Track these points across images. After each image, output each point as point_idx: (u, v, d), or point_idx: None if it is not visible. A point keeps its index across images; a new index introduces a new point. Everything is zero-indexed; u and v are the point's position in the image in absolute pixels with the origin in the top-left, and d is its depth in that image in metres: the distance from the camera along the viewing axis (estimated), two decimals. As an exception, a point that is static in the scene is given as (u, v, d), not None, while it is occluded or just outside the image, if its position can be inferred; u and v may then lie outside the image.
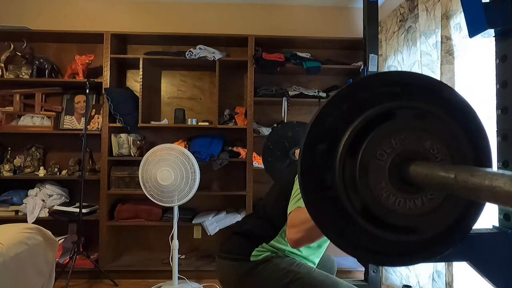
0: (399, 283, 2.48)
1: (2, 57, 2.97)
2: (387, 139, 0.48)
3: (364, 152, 0.47)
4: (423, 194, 0.48)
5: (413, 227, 0.49)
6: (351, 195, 0.48)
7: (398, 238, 0.50)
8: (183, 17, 3.27)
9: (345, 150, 0.49)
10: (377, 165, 0.47)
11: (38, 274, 1.72)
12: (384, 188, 0.47)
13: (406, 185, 0.48)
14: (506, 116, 0.77)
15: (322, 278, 1.20)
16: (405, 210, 0.48)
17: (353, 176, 0.48)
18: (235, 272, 1.29)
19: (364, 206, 0.48)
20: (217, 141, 3.06)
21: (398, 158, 0.48)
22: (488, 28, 0.75)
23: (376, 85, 0.51)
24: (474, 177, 0.37)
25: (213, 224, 2.89)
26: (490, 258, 0.71)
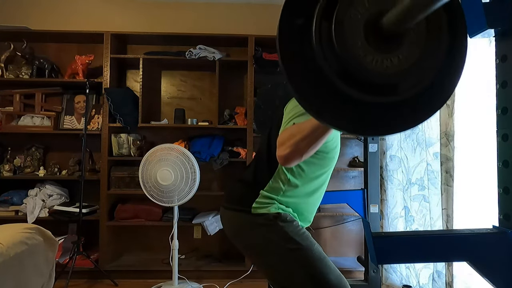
0: (399, 283, 2.48)
1: (2, 57, 2.97)
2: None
3: (338, 12, 0.48)
4: (399, 52, 0.49)
5: (392, 85, 0.50)
6: (329, 58, 0.48)
7: (378, 100, 0.50)
8: (183, 17, 3.27)
9: (320, 15, 0.49)
10: (351, 24, 0.48)
11: (38, 274, 1.72)
12: (360, 47, 0.48)
13: (383, 43, 0.48)
14: (506, 116, 0.77)
15: (320, 257, 1.20)
16: (383, 68, 0.48)
17: (329, 38, 0.48)
18: (237, 222, 1.29)
19: (342, 68, 0.48)
20: (217, 141, 3.06)
21: (372, 16, 0.48)
22: (488, 28, 0.75)
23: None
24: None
25: (213, 224, 2.89)
26: (490, 258, 0.71)
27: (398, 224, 2.51)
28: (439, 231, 1.00)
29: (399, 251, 0.84)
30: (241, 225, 1.28)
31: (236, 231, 1.31)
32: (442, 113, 1.91)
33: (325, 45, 0.48)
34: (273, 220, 1.23)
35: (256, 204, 1.25)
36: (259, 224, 1.24)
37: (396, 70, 0.49)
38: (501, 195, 0.80)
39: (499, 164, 0.79)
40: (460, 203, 1.85)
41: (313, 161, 1.25)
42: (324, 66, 0.49)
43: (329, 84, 0.49)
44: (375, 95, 0.49)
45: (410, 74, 0.49)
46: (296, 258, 1.18)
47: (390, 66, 0.48)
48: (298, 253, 1.18)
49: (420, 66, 0.50)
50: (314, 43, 0.49)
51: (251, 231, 1.26)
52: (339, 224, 3.22)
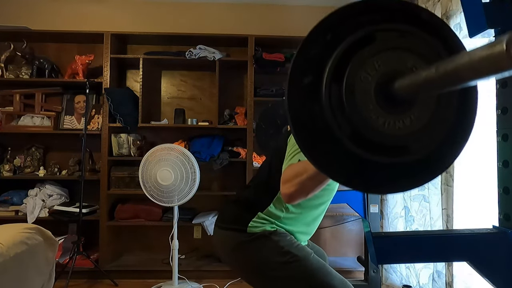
0: (399, 283, 2.48)
1: (2, 57, 2.97)
2: (369, 61, 0.48)
3: (348, 76, 0.48)
4: (410, 113, 0.49)
5: (405, 147, 0.49)
6: (340, 121, 0.48)
7: (391, 161, 0.50)
8: (183, 17, 3.27)
9: (330, 77, 0.49)
10: (362, 88, 0.48)
11: (38, 274, 1.72)
12: (372, 110, 0.48)
13: (394, 105, 0.48)
14: (506, 116, 0.77)
15: (319, 265, 1.19)
16: (395, 131, 0.48)
17: (340, 101, 0.48)
18: (231, 242, 1.27)
19: (353, 130, 0.48)
20: (217, 141, 3.06)
21: (382, 78, 0.48)
22: (488, 28, 0.75)
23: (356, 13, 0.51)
24: (453, 60, 0.37)
25: (213, 224, 2.88)
26: (490, 258, 0.71)
27: (398, 224, 2.51)
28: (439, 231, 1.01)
29: (399, 251, 0.84)
30: (235, 244, 1.26)
31: (230, 251, 1.29)
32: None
33: (335, 106, 0.48)
34: (267, 236, 1.22)
35: (252, 223, 1.25)
36: (253, 242, 1.23)
37: (408, 131, 0.48)
38: (501, 195, 0.80)
39: (499, 164, 0.79)
40: (460, 203, 1.85)
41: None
42: (333, 126, 0.49)
43: (338, 144, 0.49)
44: (385, 156, 0.49)
45: (422, 135, 0.49)
46: (295, 271, 1.18)
47: (402, 128, 0.48)
48: (296, 264, 1.18)
49: (432, 126, 0.50)
50: (324, 104, 0.49)
51: (245, 250, 1.24)
52: (339, 224, 3.22)
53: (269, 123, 1.95)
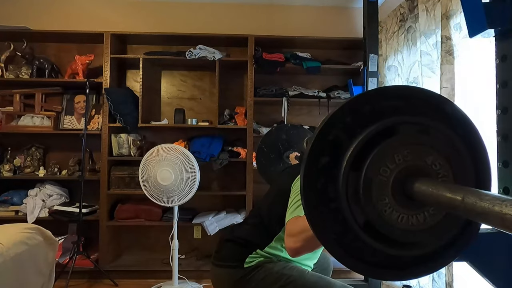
0: (399, 283, 2.48)
1: (2, 57, 2.97)
2: (390, 154, 0.48)
3: (368, 167, 0.48)
4: (425, 210, 0.49)
5: (415, 242, 0.50)
6: (354, 209, 0.49)
7: (400, 253, 0.51)
8: (183, 17, 3.27)
9: (349, 165, 0.49)
10: (380, 181, 0.48)
11: (38, 274, 1.72)
12: (387, 204, 0.48)
13: (409, 200, 0.48)
14: (506, 116, 0.77)
15: (315, 279, 1.20)
16: (408, 226, 0.48)
17: (356, 190, 0.48)
18: (229, 279, 1.29)
19: (366, 221, 0.48)
20: (217, 141, 3.06)
21: (401, 174, 0.48)
22: (488, 28, 0.75)
23: (379, 99, 0.51)
24: (483, 201, 0.37)
25: (213, 224, 2.89)
26: (490, 258, 0.71)
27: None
28: (439, 231, 1.00)
29: (399, 251, 0.84)
30: (233, 281, 1.27)
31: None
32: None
33: (351, 195, 0.49)
34: (262, 265, 1.24)
35: (249, 258, 1.27)
36: (250, 276, 1.24)
37: (421, 228, 0.49)
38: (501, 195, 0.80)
39: (499, 164, 0.79)
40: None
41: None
42: (347, 214, 0.49)
43: (350, 229, 0.50)
44: (395, 249, 0.50)
45: (433, 233, 0.50)
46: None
47: (416, 224, 0.48)
48: (294, 284, 1.19)
49: (445, 224, 0.50)
50: (340, 190, 0.49)
51: (243, 284, 1.25)
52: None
53: (271, 147, 1.97)
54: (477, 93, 1.70)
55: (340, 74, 3.26)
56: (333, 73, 3.24)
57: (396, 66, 2.58)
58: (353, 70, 3.05)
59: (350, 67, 3.04)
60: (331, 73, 3.25)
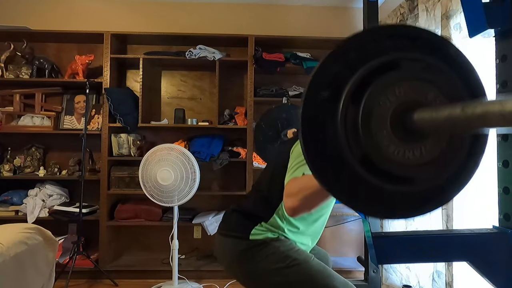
0: (399, 283, 2.48)
1: (2, 57, 2.97)
2: (391, 87, 0.48)
3: (368, 98, 0.48)
4: (422, 145, 0.49)
5: (411, 178, 0.50)
6: (351, 143, 0.48)
7: (396, 189, 0.50)
8: (183, 17, 3.27)
9: (349, 96, 0.49)
10: (379, 112, 0.48)
11: (38, 274, 1.72)
12: (385, 136, 0.48)
13: (407, 134, 0.48)
14: (506, 116, 0.77)
15: (320, 268, 1.20)
16: (404, 160, 0.48)
17: (355, 122, 0.48)
18: (234, 249, 1.29)
19: (363, 154, 0.48)
20: (217, 141, 3.06)
21: (401, 106, 0.48)
22: (488, 28, 0.75)
23: (384, 36, 0.51)
24: (482, 104, 0.37)
25: (213, 224, 2.89)
26: (490, 258, 0.71)
27: (398, 224, 2.51)
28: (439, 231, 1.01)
29: (399, 251, 0.84)
30: (237, 251, 1.28)
31: (232, 259, 1.30)
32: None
33: (349, 127, 0.49)
34: (268, 242, 1.24)
35: (254, 231, 1.26)
36: (255, 249, 1.24)
37: (417, 162, 0.49)
38: (501, 195, 0.80)
39: (499, 164, 0.79)
40: (460, 203, 1.85)
41: None
42: (344, 147, 0.49)
43: (347, 165, 0.50)
44: (390, 184, 0.50)
45: (429, 169, 0.50)
46: (297, 274, 1.18)
47: (412, 158, 0.48)
48: (297, 268, 1.18)
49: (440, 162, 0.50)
50: (338, 123, 0.49)
51: (247, 258, 1.25)
52: (339, 224, 3.22)
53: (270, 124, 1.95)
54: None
55: (340, 74, 3.26)
56: (333, 73, 3.24)
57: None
58: (353, 70, 3.04)
59: (350, 67, 3.04)
60: (331, 73, 3.24)
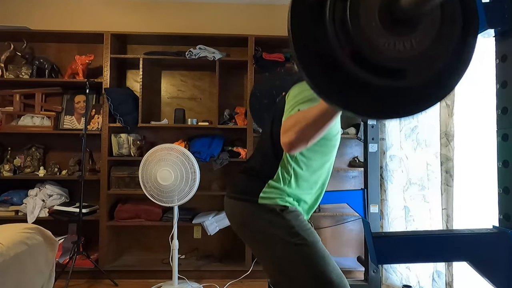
0: (399, 283, 2.48)
1: (2, 57, 2.97)
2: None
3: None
4: (412, 37, 0.48)
5: (403, 70, 0.49)
6: (341, 39, 0.48)
7: (388, 84, 0.50)
8: (183, 17, 3.27)
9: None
10: (367, 5, 0.47)
11: (38, 274, 1.72)
12: (374, 28, 0.47)
13: (397, 25, 0.47)
14: (506, 116, 0.77)
15: (324, 255, 1.19)
16: (395, 52, 0.48)
17: (343, 18, 0.47)
18: (243, 212, 1.28)
19: (354, 49, 0.48)
20: (217, 141, 3.06)
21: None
22: (488, 28, 0.75)
23: None
24: None
25: (213, 224, 2.89)
26: (490, 258, 0.71)
27: (398, 224, 2.51)
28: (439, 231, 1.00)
29: (399, 251, 0.84)
30: (247, 215, 1.26)
31: (241, 222, 1.29)
32: (442, 113, 1.91)
33: (338, 24, 0.48)
34: (279, 213, 1.22)
35: (263, 193, 1.24)
36: (265, 216, 1.22)
37: (407, 54, 0.48)
38: (501, 195, 0.80)
39: (499, 164, 0.79)
40: (460, 203, 1.85)
41: (315, 148, 1.25)
42: (335, 46, 0.48)
43: (339, 65, 0.49)
44: (384, 78, 0.49)
45: (421, 60, 0.49)
46: (300, 254, 1.18)
47: (402, 50, 0.48)
48: (303, 248, 1.18)
49: (431, 53, 0.49)
50: (327, 21, 0.48)
51: (257, 222, 1.24)
52: (339, 224, 3.22)
53: (265, 92, 1.93)
54: (477, 93, 1.70)
55: (340, 74, 3.26)
56: (333, 73, 3.24)
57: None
58: (353, 70, 3.04)
59: (350, 67, 3.04)
60: (331, 73, 3.24)
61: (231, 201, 1.33)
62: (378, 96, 0.51)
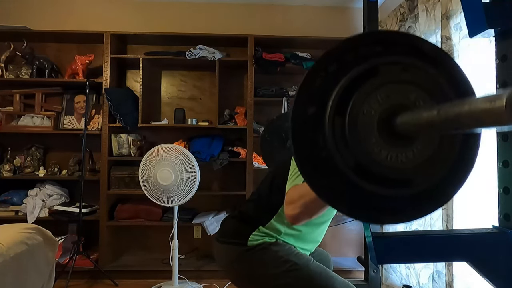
0: (399, 283, 2.48)
1: (2, 57, 2.97)
2: (373, 95, 0.48)
3: (351, 110, 0.48)
4: (413, 146, 0.49)
5: (407, 180, 0.50)
6: (343, 154, 0.49)
7: (393, 193, 0.50)
8: (183, 17, 3.27)
9: (334, 110, 0.49)
10: (365, 121, 0.48)
11: (38, 274, 1.72)
12: (375, 143, 0.48)
13: (397, 138, 0.48)
14: (506, 116, 0.77)
15: (320, 270, 1.20)
16: (398, 164, 0.48)
17: (343, 134, 0.49)
18: (232, 255, 1.28)
19: (357, 163, 0.48)
20: (217, 141, 3.06)
21: (385, 112, 0.48)
22: (488, 28, 0.75)
23: (360, 45, 0.51)
24: (454, 106, 0.38)
25: (213, 224, 2.89)
26: (490, 258, 0.71)
27: (398, 224, 2.51)
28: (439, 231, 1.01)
29: (399, 251, 0.84)
30: (235, 257, 1.27)
31: (230, 264, 1.30)
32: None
33: (338, 139, 0.49)
34: (267, 247, 1.23)
35: (252, 236, 1.26)
36: (253, 254, 1.23)
37: (411, 165, 0.49)
38: (501, 195, 0.80)
39: (499, 164, 0.79)
40: (460, 203, 1.85)
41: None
42: (336, 158, 0.49)
43: (342, 175, 0.50)
44: (387, 188, 0.50)
45: (425, 168, 0.50)
46: (297, 278, 1.18)
47: (405, 161, 0.49)
48: (296, 273, 1.18)
49: (435, 160, 0.50)
50: (327, 136, 0.49)
51: (246, 262, 1.25)
52: (339, 224, 3.22)
53: (274, 135, 1.98)
54: (477, 93, 1.69)
55: (340, 74, 3.26)
56: (333, 73, 3.24)
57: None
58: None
59: (350, 67, 3.04)
60: (331, 73, 3.24)
61: (220, 245, 1.33)
62: (381, 203, 0.52)
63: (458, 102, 0.37)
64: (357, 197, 0.51)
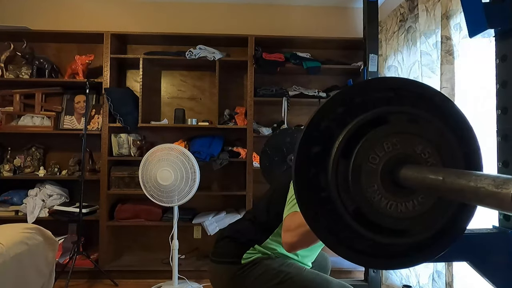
0: (399, 283, 2.48)
1: (2, 57, 2.97)
2: (379, 143, 0.49)
3: (357, 155, 0.48)
4: (414, 197, 0.49)
5: (404, 230, 0.50)
6: (344, 197, 0.49)
7: (390, 241, 0.51)
8: (183, 17, 3.27)
9: (339, 153, 0.49)
10: (369, 168, 0.48)
11: (38, 274, 1.72)
12: (376, 191, 0.48)
13: (398, 188, 0.48)
14: (506, 116, 0.77)
15: (313, 276, 1.20)
16: (397, 214, 0.49)
17: (346, 178, 0.49)
18: (226, 275, 1.29)
19: (356, 208, 0.49)
20: (217, 141, 3.06)
21: (390, 161, 0.48)
22: (488, 28, 0.75)
23: (370, 90, 0.52)
24: (460, 178, 0.38)
25: (213, 224, 2.89)
26: (490, 258, 0.71)
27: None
28: (439, 231, 1.00)
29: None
30: (230, 276, 1.28)
31: (225, 283, 1.30)
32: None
33: (340, 182, 0.49)
34: (259, 261, 1.24)
35: (246, 254, 1.27)
36: (247, 271, 1.24)
37: (409, 216, 0.49)
38: (501, 195, 0.79)
39: (499, 164, 0.79)
40: (460, 203, 1.84)
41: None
42: (337, 201, 0.49)
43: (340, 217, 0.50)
44: (383, 236, 0.50)
45: (422, 221, 0.50)
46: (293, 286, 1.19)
47: (404, 211, 0.49)
48: (291, 281, 1.19)
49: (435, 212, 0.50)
50: (329, 178, 0.50)
51: (240, 280, 1.25)
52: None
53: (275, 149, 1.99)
54: (477, 93, 1.70)
55: (340, 74, 3.26)
56: (333, 73, 3.24)
57: (396, 66, 2.58)
58: (353, 70, 3.05)
59: (350, 67, 3.04)
60: (331, 73, 3.25)
61: (215, 265, 1.35)
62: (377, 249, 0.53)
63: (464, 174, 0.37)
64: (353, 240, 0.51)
